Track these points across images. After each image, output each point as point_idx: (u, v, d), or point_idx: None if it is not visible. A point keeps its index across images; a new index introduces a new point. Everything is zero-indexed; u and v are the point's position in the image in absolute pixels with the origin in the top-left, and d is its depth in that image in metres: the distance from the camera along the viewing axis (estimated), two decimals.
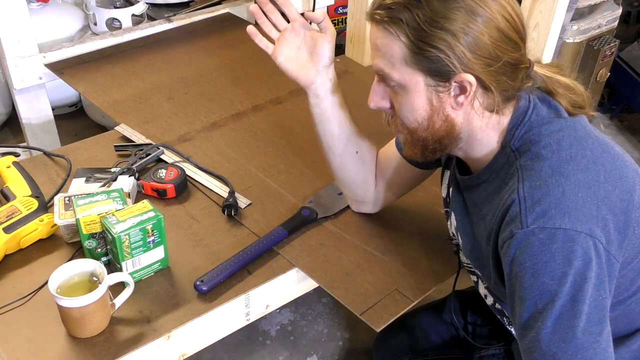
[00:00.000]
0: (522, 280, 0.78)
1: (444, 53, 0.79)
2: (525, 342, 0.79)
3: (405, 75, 0.84)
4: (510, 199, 0.81)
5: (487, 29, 0.79)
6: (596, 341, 0.76)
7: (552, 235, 0.77)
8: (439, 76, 0.82)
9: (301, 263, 1.11)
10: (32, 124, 1.82)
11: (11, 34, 1.65)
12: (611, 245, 0.79)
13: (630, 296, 0.89)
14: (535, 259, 0.77)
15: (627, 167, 0.85)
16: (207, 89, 1.67)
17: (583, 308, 0.75)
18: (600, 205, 0.79)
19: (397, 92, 0.87)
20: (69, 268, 0.97)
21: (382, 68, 0.86)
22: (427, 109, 0.85)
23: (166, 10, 2.22)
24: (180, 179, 1.27)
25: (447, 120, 0.86)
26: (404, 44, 0.82)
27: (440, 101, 0.84)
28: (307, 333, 1.72)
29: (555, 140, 0.83)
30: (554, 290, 0.76)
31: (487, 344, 1.16)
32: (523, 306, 0.78)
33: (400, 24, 0.81)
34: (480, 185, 0.91)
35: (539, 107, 0.87)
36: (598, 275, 0.77)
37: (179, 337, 1.00)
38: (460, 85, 0.82)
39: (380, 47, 0.85)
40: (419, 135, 0.89)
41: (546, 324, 0.76)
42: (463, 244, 1.00)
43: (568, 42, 2.14)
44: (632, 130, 2.64)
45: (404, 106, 0.87)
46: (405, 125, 0.89)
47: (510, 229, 0.80)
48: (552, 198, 0.78)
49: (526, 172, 0.82)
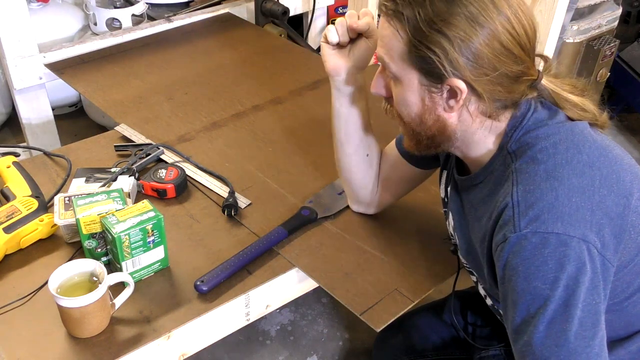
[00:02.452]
0: (515, 284, 0.78)
1: (437, 56, 0.79)
2: (518, 346, 0.79)
3: (401, 70, 0.85)
4: (504, 202, 0.81)
5: (486, 40, 0.79)
6: (589, 345, 0.76)
7: (544, 240, 0.76)
8: (432, 77, 0.82)
9: (301, 263, 1.11)
10: (32, 124, 1.82)
11: (11, 34, 1.65)
12: (606, 249, 0.79)
13: (626, 298, 0.89)
14: (528, 263, 0.77)
15: (624, 171, 0.84)
16: (207, 89, 1.67)
17: (576, 312, 0.75)
18: (595, 210, 0.78)
19: (395, 83, 0.88)
20: (69, 268, 0.97)
21: (382, 57, 0.87)
22: (419, 106, 0.86)
23: (166, 10, 2.22)
24: (180, 179, 1.27)
25: (439, 120, 0.86)
26: (402, 40, 0.82)
27: (433, 101, 0.84)
28: (307, 333, 1.72)
29: (552, 144, 0.83)
30: (547, 295, 0.76)
31: (488, 344, 1.16)
32: (515, 310, 0.78)
33: (401, 20, 0.82)
34: (477, 186, 0.91)
35: (539, 110, 0.86)
36: (592, 279, 0.77)
37: (179, 337, 1.00)
38: (451, 89, 0.82)
39: (383, 37, 0.86)
40: (412, 129, 0.90)
41: (539, 328, 0.76)
42: (460, 244, 1.01)
43: (568, 42, 2.14)
44: (632, 130, 2.64)
45: (399, 99, 0.88)
46: (399, 116, 0.91)
47: (504, 233, 0.80)
48: (545, 202, 0.78)
49: (521, 175, 0.82)
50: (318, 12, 2.37)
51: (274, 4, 2.07)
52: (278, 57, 1.86)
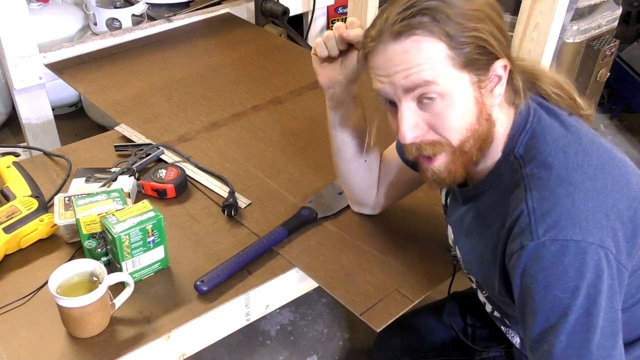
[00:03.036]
0: (534, 293, 0.77)
1: (483, 40, 0.79)
2: (537, 355, 0.78)
3: (451, 80, 0.79)
4: (519, 209, 0.80)
5: (494, 13, 0.81)
6: (610, 355, 0.75)
7: (563, 248, 0.75)
8: (480, 70, 0.80)
9: (301, 263, 1.11)
10: (32, 124, 1.82)
11: (11, 34, 1.65)
12: (621, 254, 0.78)
13: (634, 304, 0.88)
14: (547, 271, 0.76)
15: (631, 174, 0.83)
16: (207, 89, 1.67)
17: (597, 322, 0.74)
18: (609, 214, 0.77)
19: (438, 106, 0.81)
20: (69, 268, 0.97)
21: (424, 79, 0.79)
22: (474, 111, 0.82)
23: (166, 10, 2.22)
24: (180, 179, 1.27)
25: (489, 119, 0.83)
26: (444, 43, 0.78)
27: (482, 98, 0.82)
28: (307, 333, 1.72)
29: (561, 148, 0.82)
30: (567, 304, 0.75)
31: (488, 346, 1.15)
32: (535, 319, 0.77)
33: (432, 25, 0.77)
34: (485, 193, 0.90)
35: (539, 111, 0.86)
36: (611, 286, 0.76)
37: (179, 337, 1.00)
38: (496, 74, 0.82)
39: (414, 59, 0.79)
40: (465, 149, 0.83)
41: (560, 338, 0.75)
42: (462, 255, 1.00)
43: (568, 42, 2.14)
44: (632, 130, 2.64)
45: (451, 117, 0.81)
46: (450, 142, 0.83)
47: (520, 241, 0.78)
48: (562, 208, 0.77)
49: (533, 181, 0.80)
50: (318, 12, 2.37)
51: (274, 4, 2.08)
52: (278, 57, 1.86)
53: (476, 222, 0.93)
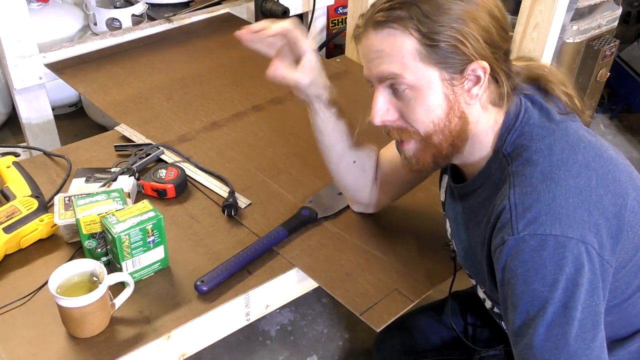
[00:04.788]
0: (514, 287, 0.78)
1: (458, 40, 0.79)
2: (519, 349, 0.79)
3: (419, 73, 0.81)
4: (501, 205, 0.81)
5: (487, 16, 0.80)
6: (589, 347, 0.75)
7: (542, 242, 0.76)
8: (453, 68, 0.81)
9: (301, 263, 1.11)
10: (32, 124, 1.82)
11: (11, 34, 1.65)
12: (604, 250, 0.78)
13: (626, 299, 0.88)
14: (527, 265, 0.77)
15: (620, 171, 0.84)
16: (207, 89, 1.67)
17: (575, 314, 0.75)
18: (592, 211, 0.78)
19: (408, 96, 0.84)
20: (69, 268, 0.97)
21: (393, 71, 0.82)
22: (443, 106, 0.83)
23: (166, 10, 2.21)
24: (180, 179, 1.27)
25: (462, 117, 0.84)
26: (415, 38, 0.80)
27: (456, 95, 0.83)
28: (307, 333, 1.72)
29: (547, 145, 0.83)
30: (546, 297, 0.76)
31: (488, 345, 1.16)
32: (515, 313, 0.78)
33: (407, 20, 0.80)
34: (476, 192, 0.91)
35: (530, 110, 0.87)
36: (591, 281, 0.76)
37: (179, 337, 1.00)
38: (474, 75, 0.82)
39: (387, 50, 0.82)
40: (433, 141, 0.86)
41: (538, 330, 0.76)
42: (457, 250, 1.01)
43: (568, 42, 2.14)
44: (632, 130, 2.64)
45: (419, 109, 0.84)
46: (418, 132, 0.86)
47: (502, 236, 0.80)
48: (542, 204, 0.78)
49: (517, 177, 0.82)
50: (318, 12, 2.37)
51: (274, 4, 2.07)
52: None
53: (469, 219, 0.94)
